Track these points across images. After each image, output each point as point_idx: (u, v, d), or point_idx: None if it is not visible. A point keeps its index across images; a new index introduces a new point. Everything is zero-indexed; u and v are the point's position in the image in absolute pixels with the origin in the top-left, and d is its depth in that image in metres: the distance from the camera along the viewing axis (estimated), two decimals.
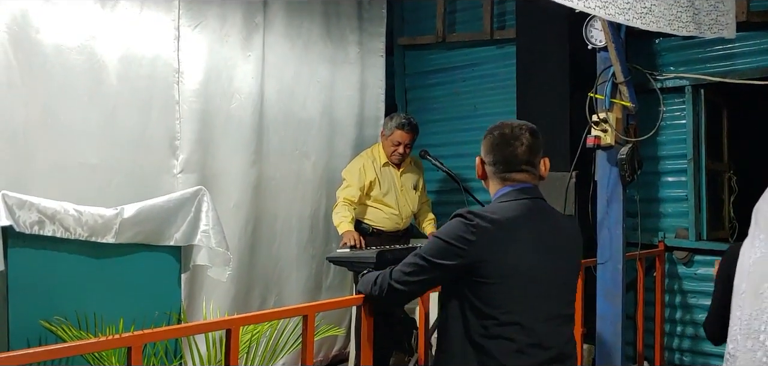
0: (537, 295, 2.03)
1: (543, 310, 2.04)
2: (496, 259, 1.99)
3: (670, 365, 4.30)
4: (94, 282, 2.88)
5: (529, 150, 2.13)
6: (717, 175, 4.42)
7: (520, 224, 2.05)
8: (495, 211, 2.06)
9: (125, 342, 2.08)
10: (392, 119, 4.46)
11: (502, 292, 1.99)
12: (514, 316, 1.98)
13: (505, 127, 2.17)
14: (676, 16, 3.06)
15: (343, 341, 4.99)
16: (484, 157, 2.20)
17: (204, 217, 3.10)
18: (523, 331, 1.99)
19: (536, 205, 2.12)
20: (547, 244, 2.08)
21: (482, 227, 2.00)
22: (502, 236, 2.01)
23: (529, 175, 2.14)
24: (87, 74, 3.60)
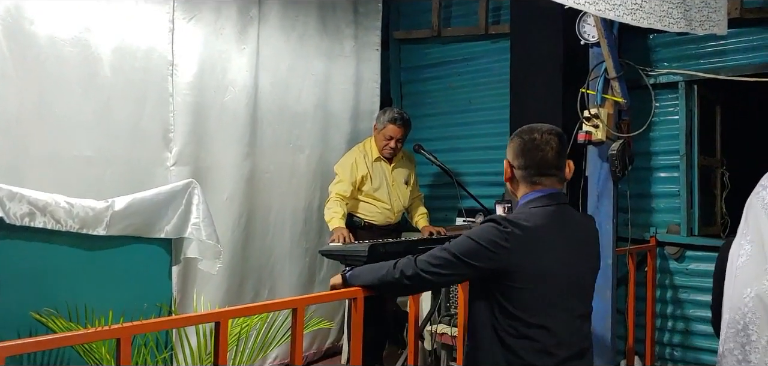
0: (562, 297, 2.13)
1: (567, 311, 2.15)
2: (527, 265, 2.08)
3: (660, 359, 4.32)
4: (85, 274, 2.89)
5: (557, 155, 2.21)
6: (709, 170, 4.43)
7: (549, 231, 2.14)
8: (527, 219, 2.14)
9: (114, 334, 2.09)
10: (384, 113, 4.47)
11: (530, 296, 2.10)
12: (540, 319, 2.09)
13: (535, 132, 2.23)
14: (667, 12, 3.06)
15: (337, 334, 5.01)
16: (512, 160, 2.26)
17: (195, 209, 3.10)
18: (548, 332, 2.10)
19: (563, 211, 2.22)
20: (572, 248, 2.19)
21: (516, 235, 2.08)
22: (534, 244, 2.10)
23: (556, 180, 2.23)
24: (81, 66, 3.61)
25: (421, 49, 5.51)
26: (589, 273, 2.28)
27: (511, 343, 2.10)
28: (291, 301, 2.53)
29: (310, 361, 4.85)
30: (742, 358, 2.25)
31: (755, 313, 2.24)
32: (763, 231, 2.30)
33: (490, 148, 4.90)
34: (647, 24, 2.97)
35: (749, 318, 2.25)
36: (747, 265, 2.28)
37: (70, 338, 2.20)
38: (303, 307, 2.51)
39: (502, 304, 2.11)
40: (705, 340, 4.13)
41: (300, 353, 2.46)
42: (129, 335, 2.09)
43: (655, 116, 4.22)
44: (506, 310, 2.10)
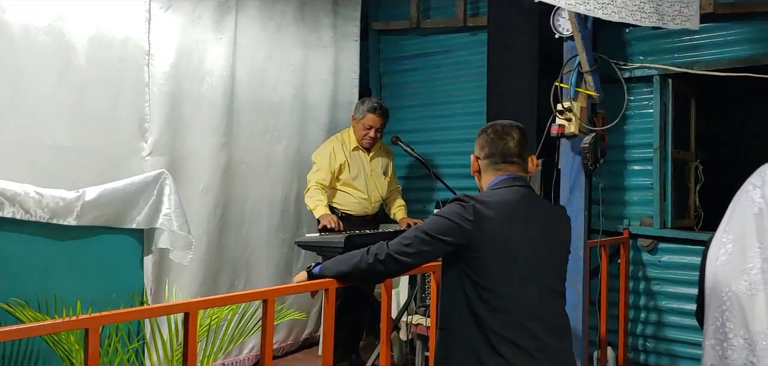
0: (533, 269, 2.20)
1: (537, 284, 2.21)
2: (494, 238, 2.16)
3: (633, 351, 4.38)
4: (56, 264, 2.87)
5: (519, 144, 2.33)
6: (683, 164, 4.48)
7: (515, 206, 2.23)
8: (490, 195, 2.26)
9: (82, 324, 2.09)
10: (363, 103, 4.48)
11: (500, 269, 2.17)
12: (512, 290, 2.16)
13: (498, 125, 2.37)
14: (638, 6, 3.09)
15: (314, 325, 5.02)
16: (478, 153, 2.38)
17: (166, 200, 3.10)
18: (521, 304, 2.16)
19: (528, 191, 2.31)
20: (539, 225, 2.25)
21: (478, 210, 2.17)
22: (499, 217, 2.18)
23: (519, 168, 2.33)
24: (55, 55, 3.58)
25: (400, 41, 5.52)
26: (560, 253, 2.34)
27: (485, 316, 2.15)
28: (261, 293, 2.55)
29: (287, 351, 4.86)
30: (721, 355, 2.29)
31: (732, 311, 2.26)
32: (746, 231, 2.32)
33: (467, 140, 4.86)
34: (618, 18, 2.99)
35: (727, 316, 2.28)
36: (727, 263, 2.31)
37: (38, 328, 2.21)
38: (273, 298, 2.53)
39: (473, 279, 2.17)
40: (677, 332, 4.19)
41: (270, 344, 2.48)
42: (97, 325, 2.09)
43: (630, 109, 4.26)
44: (478, 284, 2.16)
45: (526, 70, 4.16)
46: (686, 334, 4.12)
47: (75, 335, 2.62)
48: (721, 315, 2.28)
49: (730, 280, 2.29)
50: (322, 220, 4.14)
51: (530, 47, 4.16)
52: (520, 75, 4.19)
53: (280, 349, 4.77)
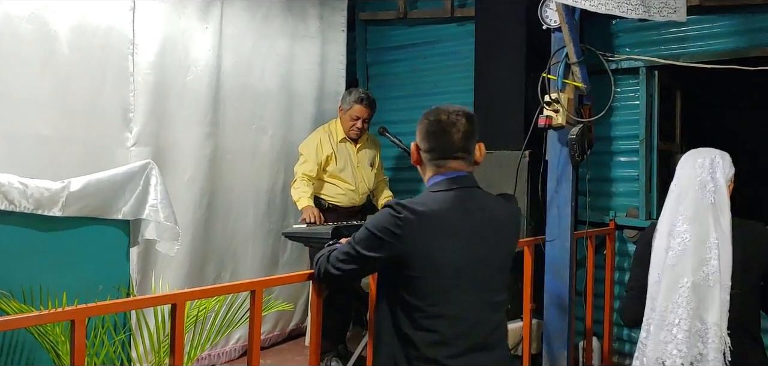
0: (465, 286, 2.03)
1: (470, 300, 2.04)
2: (422, 252, 1.99)
3: (618, 341, 4.41)
4: (41, 255, 2.84)
5: (464, 137, 2.09)
6: (669, 155, 4.51)
7: (449, 216, 2.03)
8: (425, 203, 2.04)
9: (68, 315, 2.07)
10: (350, 94, 4.46)
11: (429, 285, 2.00)
12: (440, 309, 2.00)
13: (442, 113, 2.11)
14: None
15: (301, 316, 5.02)
16: (419, 143, 2.16)
17: (152, 190, 3.07)
18: (448, 322, 2.00)
19: (467, 195, 2.09)
20: (477, 234, 2.06)
21: (409, 219, 1.99)
22: (429, 229, 2.00)
23: (463, 163, 2.12)
24: (38, 43, 3.54)
25: (387, 31, 5.50)
26: (499, 260, 2.14)
27: (410, 333, 2.01)
28: (250, 284, 2.53)
29: (274, 342, 4.85)
30: (664, 343, 2.28)
31: (687, 301, 2.27)
32: (703, 220, 2.31)
33: None
34: (605, 10, 3.00)
35: (676, 305, 2.28)
36: (685, 253, 2.29)
37: (23, 320, 2.18)
38: (261, 289, 2.51)
39: (401, 294, 2.02)
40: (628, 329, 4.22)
41: (258, 335, 2.47)
42: (83, 317, 2.07)
43: (616, 101, 4.28)
44: (404, 299, 2.02)
45: (514, 61, 4.17)
46: None
47: (61, 327, 2.59)
48: (676, 307, 2.26)
49: (687, 270, 2.28)
50: (305, 213, 4.12)
51: (518, 38, 4.18)
52: (508, 66, 4.21)
53: (266, 340, 4.76)
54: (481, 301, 2.07)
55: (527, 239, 3.72)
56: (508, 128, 4.17)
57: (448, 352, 1.99)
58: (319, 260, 2.28)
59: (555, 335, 3.66)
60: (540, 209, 3.85)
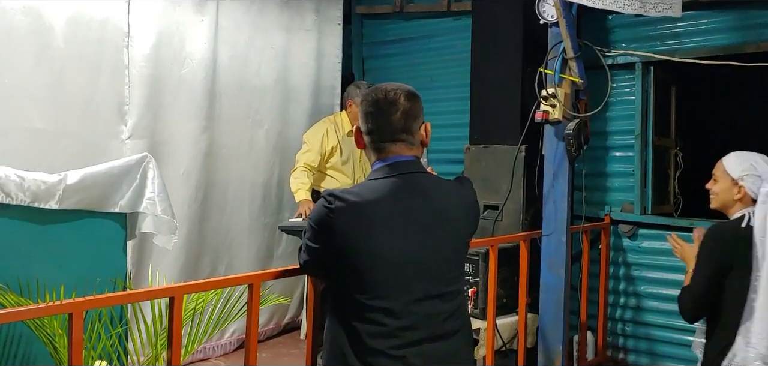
0: (408, 277, 1.90)
1: (414, 291, 1.91)
2: (356, 243, 1.87)
3: (612, 334, 4.43)
4: (38, 248, 2.84)
5: (405, 116, 1.93)
6: (664, 150, 4.53)
7: (383, 204, 1.90)
8: (359, 193, 1.91)
9: (66, 309, 2.07)
10: (360, 87, 4.45)
11: (368, 276, 1.88)
12: (382, 301, 1.88)
13: (379, 92, 1.96)
14: None
15: (296, 309, 5.02)
16: (361, 126, 2.00)
17: (149, 184, 3.07)
18: (391, 314, 1.88)
19: (408, 181, 1.94)
20: (419, 223, 1.92)
21: (340, 209, 1.86)
22: (363, 219, 1.88)
23: (405, 145, 1.95)
24: (33, 36, 3.53)
25: (383, 25, 5.50)
26: (447, 249, 1.98)
27: (356, 325, 1.89)
28: (247, 277, 2.53)
29: (269, 336, 4.85)
30: None
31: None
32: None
33: (451, 125, 4.91)
34: (602, 5, 3.02)
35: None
36: None
37: (21, 313, 2.18)
38: (259, 283, 2.52)
39: (344, 284, 1.91)
40: (656, 316, 4.25)
41: (256, 329, 2.47)
42: (81, 310, 2.07)
43: (612, 96, 4.29)
44: (347, 290, 1.90)
45: (511, 55, 4.17)
46: (665, 319, 4.18)
47: (58, 320, 2.59)
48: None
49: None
50: (301, 207, 4.10)
51: (515, 33, 4.17)
52: (505, 61, 4.20)
53: (262, 333, 4.75)
54: (426, 293, 1.92)
55: (523, 233, 3.73)
56: (505, 123, 4.18)
57: (393, 343, 1.88)
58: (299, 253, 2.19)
59: (550, 329, 3.67)
60: (536, 203, 3.87)
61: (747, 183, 2.50)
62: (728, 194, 2.55)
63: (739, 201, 2.53)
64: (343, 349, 1.91)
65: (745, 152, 2.57)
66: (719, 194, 2.59)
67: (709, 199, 2.67)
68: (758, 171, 2.49)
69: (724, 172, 2.57)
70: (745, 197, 2.51)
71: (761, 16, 3.84)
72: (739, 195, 2.52)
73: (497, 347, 3.65)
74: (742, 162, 2.53)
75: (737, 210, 2.54)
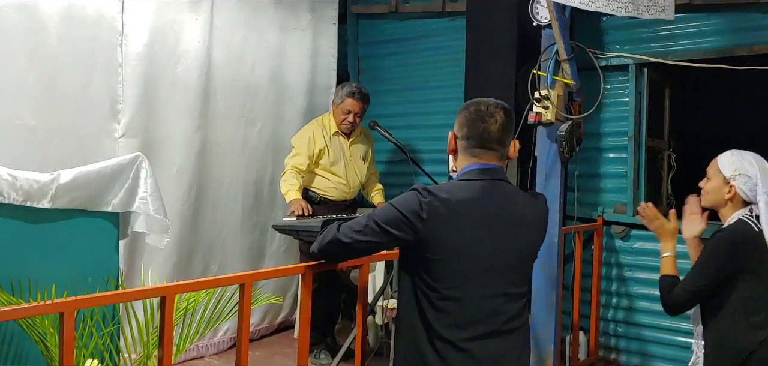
0: (481, 274, 2.09)
1: (485, 287, 2.09)
2: (442, 237, 2.06)
3: (604, 335, 4.46)
4: (30, 247, 2.83)
5: (501, 129, 2.14)
6: (657, 152, 4.55)
7: (471, 205, 2.09)
8: (450, 191, 2.12)
9: (57, 307, 2.07)
10: (343, 88, 4.46)
11: (446, 269, 2.07)
12: (455, 292, 2.07)
13: (482, 104, 2.17)
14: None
15: (290, 309, 5.03)
16: (457, 131, 2.20)
17: (142, 183, 3.06)
18: (461, 305, 2.07)
19: (494, 187, 2.15)
20: (498, 226, 2.11)
21: (434, 206, 2.06)
22: (451, 215, 2.07)
23: (496, 155, 2.16)
24: (26, 33, 3.52)
25: (379, 25, 5.51)
26: (519, 253, 2.17)
27: (428, 313, 2.09)
28: (239, 277, 2.54)
29: (262, 335, 4.86)
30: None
31: None
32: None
33: (445, 125, 4.81)
34: (595, 8, 3.02)
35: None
36: None
37: (12, 312, 2.18)
38: (251, 283, 2.52)
39: (421, 275, 2.10)
40: (648, 317, 4.27)
41: (247, 329, 2.47)
42: (72, 309, 2.08)
43: (606, 98, 4.31)
44: (425, 281, 2.10)
45: (505, 56, 4.17)
46: (656, 320, 4.20)
47: (50, 319, 2.59)
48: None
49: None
50: (292, 206, 4.11)
51: (509, 34, 4.17)
52: (499, 61, 4.21)
53: (255, 332, 4.76)
54: (496, 290, 2.11)
55: None
56: None
57: (462, 334, 2.07)
58: (325, 233, 2.30)
59: (541, 329, 3.68)
60: None
61: (738, 182, 2.49)
62: (719, 193, 2.54)
63: (729, 201, 2.51)
64: (416, 336, 2.11)
65: (741, 151, 2.56)
66: (710, 193, 2.58)
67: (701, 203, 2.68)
68: (749, 172, 2.48)
69: (717, 170, 2.56)
70: (736, 197, 2.50)
71: (753, 20, 3.87)
72: (730, 194, 2.50)
73: None
74: (736, 161, 2.52)
75: (729, 211, 2.53)
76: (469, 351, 2.07)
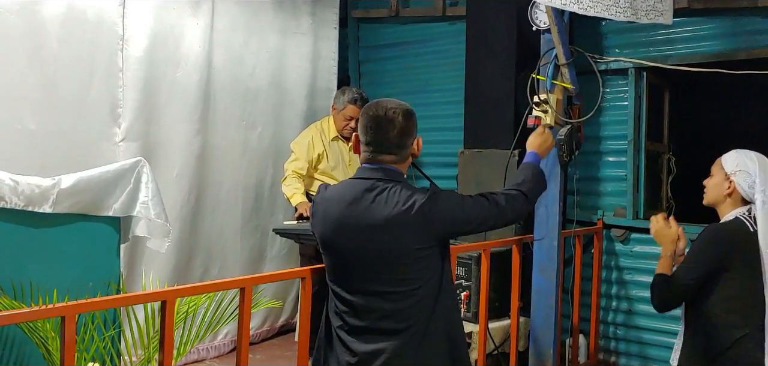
0: (351, 268, 2.17)
1: (356, 282, 2.17)
2: (319, 231, 2.24)
3: (604, 338, 4.46)
4: (31, 252, 2.85)
5: (400, 133, 2.15)
6: (656, 155, 4.55)
7: (342, 202, 2.17)
8: (335, 189, 2.27)
9: (58, 312, 2.09)
10: (344, 93, 4.47)
11: (327, 263, 2.25)
12: (335, 286, 2.22)
13: (380, 110, 2.17)
14: (614, 1, 3.13)
15: (291, 312, 5.04)
16: (360, 136, 2.23)
17: (143, 188, 3.08)
18: (339, 298, 2.20)
19: (368, 185, 2.14)
20: (364, 222, 2.11)
21: (317, 203, 2.27)
22: (325, 211, 2.22)
23: (389, 157, 2.17)
24: (27, 37, 3.55)
25: (379, 29, 5.52)
26: (387, 252, 2.11)
27: (328, 300, 2.27)
28: (239, 281, 2.56)
29: (264, 338, 4.87)
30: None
31: None
32: None
33: (446, 129, 4.94)
34: (594, 13, 3.03)
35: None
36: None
37: (14, 316, 2.20)
38: (251, 286, 2.54)
39: None
40: (647, 320, 4.27)
41: (247, 333, 2.49)
42: (73, 313, 2.10)
43: (605, 102, 4.31)
44: None
45: (504, 60, 4.19)
46: (656, 323, 4.20)
47: (51, 323, 2.61)
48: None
49: None
50: (300, 208, 4.13)
51: (508, 38, 4.20)
52: (498, 66, 4.23)
53: (257, 336, 4.78)
54: (368, 287, 2.16)
55: (515, 238, 3.75)
56: (498, 127, 4.20)
57: (339, 323, 2.20)
58: None
59: (541, 332, 3.70)
60: None
61: (738, 178, 2.50)
62: (719, 189, 2.56)
63: (729, 197, 2.53)
64: (325, 325, 2.29)
65: (747, 151, 2.58)
66: (711, 188, 2.60)
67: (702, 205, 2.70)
68: (749, 168, 2.49)
69: (720, 167, 2.59)
70: (735, 194, 2.52)
71: (752, 23, 3.87)
72: (729, 190, 2.52)
73: (489, 351, 3.67)
74: (738, 158, 2.54)
75: (728, 208, 2.55)
76: (345, 342, 2.18)
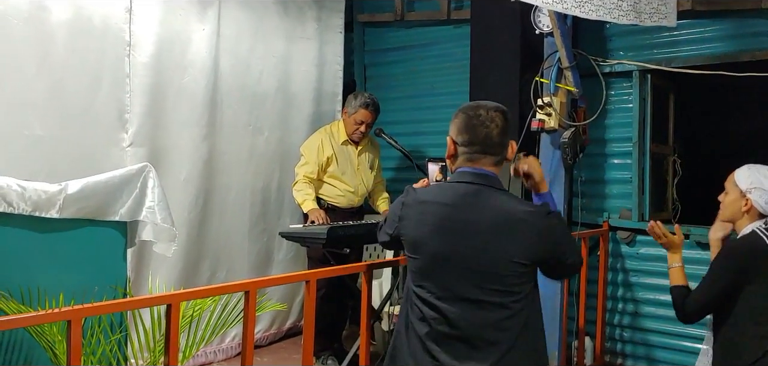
0: (446, 275, 2.08)
1: (451, 290, 2.08)
2: (411, 235, 2.17)
3: (610, 340, 4.46)
4: (39, 257, 2.87)
5: (501, 133, 2.14)
6: (661, 157, 4.55)
7: (441, 205, 2.12)
8: (429, 192, 2.21)
9: (65, 316, 2.12)
10: (356, 98, 4.49)
11: (418, 266, 2.16)
12: (424, 291, 2.13)
13: (480, 109, 2.15)
14: (616, 4, 3.14)
15: (298, 315, 5.05)
16: (455, 136, 2.17)
17: (150, 193, 3.10)
18: (429, 304, 2.12)
19: (472, 190, 2.09)
20: (464, 228, 2.06)
21: (408, 204, 2.19)
22: (420, 215, 2.15)
23: (493, 161, 2.14)
24: (34, 45, 3.56)
25: (384, 33, 5.55)
26: (487, 259, 2.04)
27: (409, 305, 2.20)
28: (243, 284, 2.58)
29: (271, 341, 4.89)
30: None
31: None
32: None
33: None
34: (596, 16, 3.04)
35: None
36: None
37: (22, 320, 2.23)
38: (255, 290, 2.56)
39: (409, 271, 2.22)
40: (654, 322, 4.27)
41: (252, 336, 2.51)
42: (80, 317, 2.12)
43: (610, 104, 4.32)
44: (411, 276, 2.20)
45: (508, 64, 4.19)
46: (662, 325, 4.20)
47: (58, 327, 2.63)
48: None
49: None
50: (311, 215, 4.15)
51: (512, 41, 4.19)
52: (502, 69, 4.23)
53: (263, 339, 4.80)
54: (463, 294, 2.06)
55: None
56: None
57: (425, 330, 2.11)
58: None
59: (547, 335, 3.68)
60: None
61: (754, 196, 2.54)
62: (736, 206, 2.60)
63: (746, 214, 2.58)
64: (399, 330, 2.22)
65: (758, 165, 2.61)
66: (728, 206, 2.65)
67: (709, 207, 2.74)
68: (765, 185, 2.54)
69: (734, 184, 2.62)
70: (752, 210, 2.56)
71: (756, 25, 3.87)
72: (746, 207, 2.57)
73: None
74: (752, 175, 2.58)
75: (745, 223, 2.59)
76: (430, 351, 2.09)
